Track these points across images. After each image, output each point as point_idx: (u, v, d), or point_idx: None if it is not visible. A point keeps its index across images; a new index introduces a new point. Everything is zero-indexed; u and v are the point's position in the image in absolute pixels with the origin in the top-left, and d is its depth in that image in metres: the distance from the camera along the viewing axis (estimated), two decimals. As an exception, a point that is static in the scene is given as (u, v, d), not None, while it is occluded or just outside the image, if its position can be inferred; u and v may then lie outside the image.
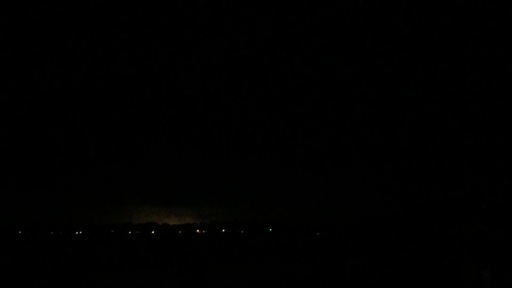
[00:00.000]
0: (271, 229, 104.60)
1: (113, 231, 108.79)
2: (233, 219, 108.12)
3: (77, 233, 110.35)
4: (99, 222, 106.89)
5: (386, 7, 64.69)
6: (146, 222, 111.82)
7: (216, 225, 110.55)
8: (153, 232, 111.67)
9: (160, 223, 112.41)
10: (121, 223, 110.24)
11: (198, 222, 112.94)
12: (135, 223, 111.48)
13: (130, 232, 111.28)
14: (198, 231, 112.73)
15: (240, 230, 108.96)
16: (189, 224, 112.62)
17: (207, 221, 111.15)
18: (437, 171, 63.48)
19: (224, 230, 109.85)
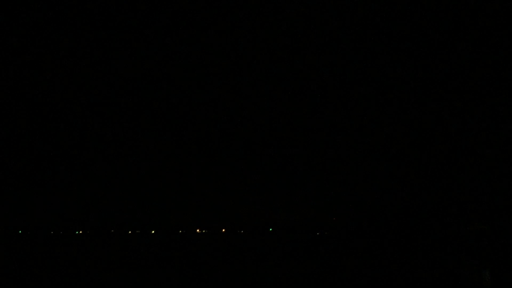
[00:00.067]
0: (271, 229, 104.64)
1: (113, 231, 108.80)
2: (233, 219, 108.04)
3: (77, 233, 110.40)
4: (99, 222, 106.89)
5: (386, 7, 64.71)
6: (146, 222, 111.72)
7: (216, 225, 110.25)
8: (153, 232, 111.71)
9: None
10: (121, 223, 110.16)
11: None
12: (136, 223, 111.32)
13: (130, 232, 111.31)
14: (198, 231, 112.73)
15: (240, 230, 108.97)
16: (189, 224, 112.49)
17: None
18: (437, 171, 63.49)
19: (224, 230, 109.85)
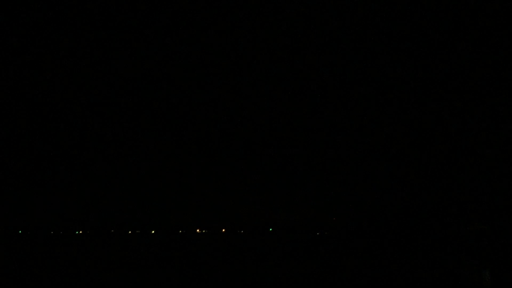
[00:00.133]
0: (271, 229, 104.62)
1: (113, 231, 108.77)
2: (233, 219, 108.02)
3: (77, 233, 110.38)
4: (99, 222, 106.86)
5: (386, 7, 64.70)
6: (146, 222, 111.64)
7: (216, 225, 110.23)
8: (153, 232, 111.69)
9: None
10: (121, 223, 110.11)
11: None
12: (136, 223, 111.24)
13: (130, 232, 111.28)
14: (198, 231, 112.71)
15: (240, 230, 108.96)
16: (189, 224, 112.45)
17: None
18: (437, 171, 63.49)
19: (224, 230, 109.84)
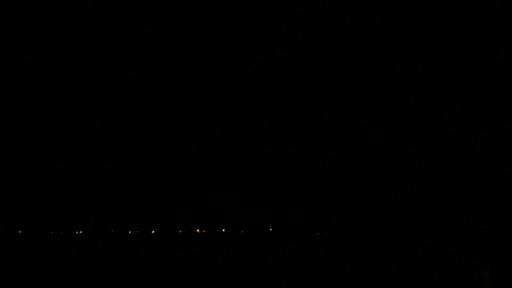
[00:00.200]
0: (271, 229, 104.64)
1: (113, 231, 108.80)
2: (233, 219, 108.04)
3: (77, 233, 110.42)
4: (99, 222, 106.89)
5: (386, 7, 64.68)
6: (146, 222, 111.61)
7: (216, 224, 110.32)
8: (153, 232, 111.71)
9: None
10: (121, 223, 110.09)
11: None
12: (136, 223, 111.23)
13: (130, 232, 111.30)
14: (198, 231, 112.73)
15: (240, 230, 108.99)
16: (189, 224, 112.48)
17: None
18: (437, 171, 63.47)
19: (224, 230, 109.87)
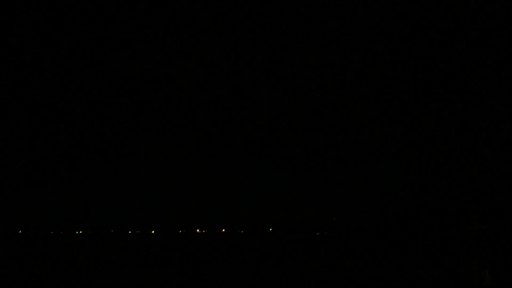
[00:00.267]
0: (271, 229, 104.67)
1: (113, 231, 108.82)
2: (233, 219, 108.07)
3: (77, 233, 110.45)
4: (99, 222, 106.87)
5: (386, 7, 64.68)
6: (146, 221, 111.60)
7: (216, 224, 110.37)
8: (153, 232, 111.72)
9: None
10: (121, 223, 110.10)
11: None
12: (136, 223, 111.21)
13: (130, 232, 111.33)
14: (198, 231, 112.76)
15: (240, 230, 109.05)
16: (189, 224, 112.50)
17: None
18: (437, 171, 63.48)
19: (224, 230, 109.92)
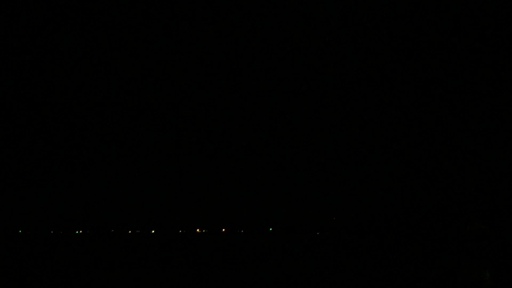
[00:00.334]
0: (271, 229, 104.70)
1: (113, 231, 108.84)
2: (233, 219, 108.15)
3: (77, 233, 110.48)
4: (99, 222, 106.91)
5: (386, 7, 64.71)
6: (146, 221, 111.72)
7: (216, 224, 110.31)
8: (153, 232, 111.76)
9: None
10: (121, 223, 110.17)
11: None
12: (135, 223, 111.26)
13: (130, 231, 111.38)
14: (198, 231, 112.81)
15: (240, 230, 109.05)
16: (189, 224, 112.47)
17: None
18: (437, 171, 63.51)
19: (224, 230, 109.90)
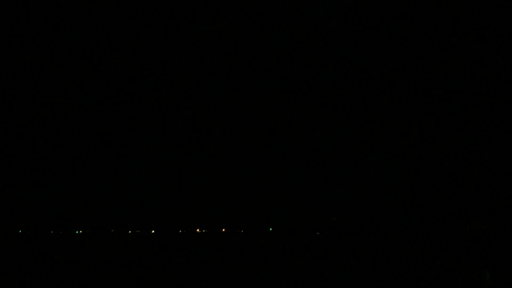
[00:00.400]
0: (271, 229, 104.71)
1: (113, 231, 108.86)
2: (233, 219, 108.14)
3: (77, 233, 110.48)
4: (99, 222, 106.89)
5: (386, 7, 64.73)
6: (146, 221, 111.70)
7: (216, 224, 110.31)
8: (153, 232, 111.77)
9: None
10: (121, 223, 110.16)
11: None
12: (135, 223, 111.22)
13: (130, 231, 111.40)
14: (198, 231, 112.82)
15: (240, 230, 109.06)
16: (189, 224, 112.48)
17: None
18: (437, 171, 63.51)
19: (224, 230, 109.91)
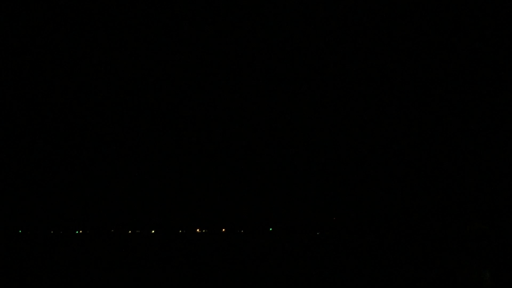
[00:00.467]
0: (271, 229, 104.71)
1: (113, 231, 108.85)
2: (233, 219, 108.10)
3: (77, 233, 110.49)
4: (99, 222, 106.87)
5: (386, 7, 64.73)
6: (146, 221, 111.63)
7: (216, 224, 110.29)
8: (153, 232, 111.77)
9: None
10: (121, 223, 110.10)
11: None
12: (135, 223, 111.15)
13: (130, 231, 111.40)
14: (198, 231, 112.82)
15: (240, 230, 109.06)
16: (189, 224, 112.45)
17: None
18: (437, 171, 63.52)
19: (224, 230, 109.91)
